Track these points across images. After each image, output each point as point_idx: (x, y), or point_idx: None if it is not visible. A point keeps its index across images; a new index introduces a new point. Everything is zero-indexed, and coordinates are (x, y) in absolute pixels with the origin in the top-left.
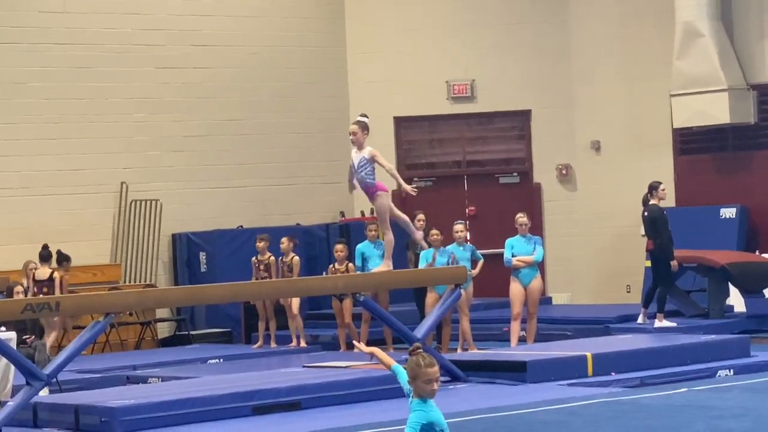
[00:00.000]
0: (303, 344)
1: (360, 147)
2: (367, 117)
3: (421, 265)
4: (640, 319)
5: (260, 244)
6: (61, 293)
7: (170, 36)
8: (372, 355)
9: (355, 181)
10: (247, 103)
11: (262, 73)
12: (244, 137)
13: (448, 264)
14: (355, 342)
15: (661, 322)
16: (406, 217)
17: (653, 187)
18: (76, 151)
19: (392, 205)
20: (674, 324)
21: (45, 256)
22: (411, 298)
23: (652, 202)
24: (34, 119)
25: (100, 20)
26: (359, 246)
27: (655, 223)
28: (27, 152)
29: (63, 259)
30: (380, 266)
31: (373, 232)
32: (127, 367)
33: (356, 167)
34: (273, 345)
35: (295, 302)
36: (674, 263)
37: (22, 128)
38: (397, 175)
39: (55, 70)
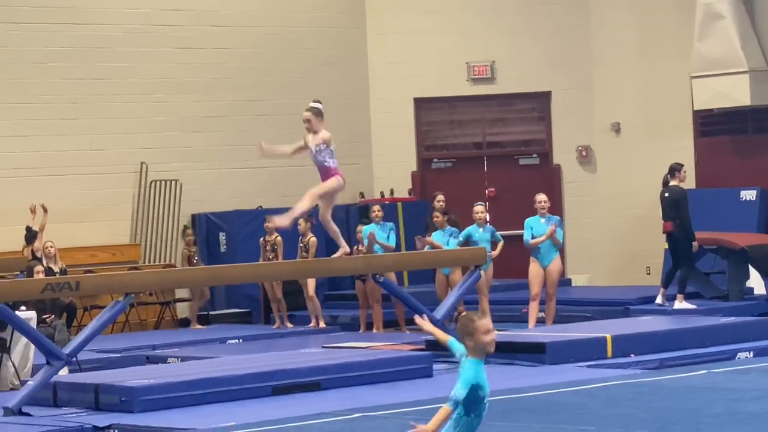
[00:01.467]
0: (322, 325)
1: (316, 132)
2: (321, 103)
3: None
4: (658, 300)
5: (269, 225)
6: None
7: (190, 16)
8: (429, 333)
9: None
10: (267, 83)
11: (281, 54)
12: (264, 118)
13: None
14: (417, 317)
15: (681, 304)
16: (336, 229)
17: (675, 169)
18: (95, 132)
19: (330, 217)
20: (694, 306)
21: (29, 238)
22: (431, 279)
23: (672, 183)
24: (54, 99)
25: (120, 0)
26: (365, 227)
27: (677, 203)
28: (47, 132)
29: (33, 237)
30: (339, 252)
31: (377, 213)
32: (146, 347)
33: (314, 152)
34: (288, 325)
35: (311, 283)
36: (695, 244)
37: (43, 108)
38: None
39: (75, 50)
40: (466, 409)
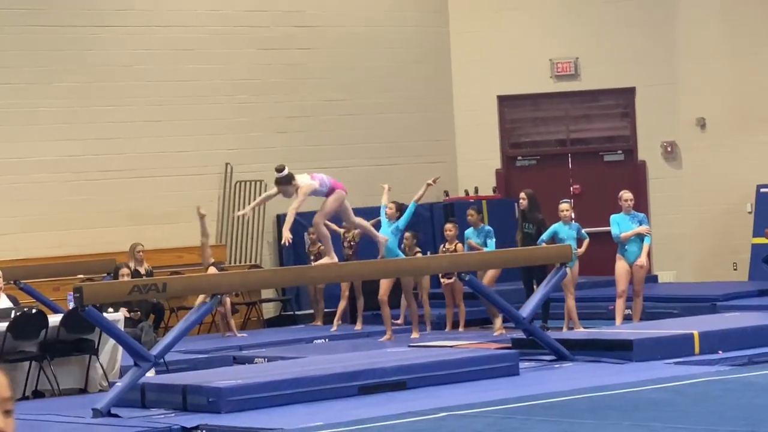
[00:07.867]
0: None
1: (297, 191)
2: (283, 169)
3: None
4: None
5: (344, 225)
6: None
7: (273, 17)
8: None
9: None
10: (350, 83)
11: (364, 53)
12: (347, 117)
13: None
14: None
15: None
16: (368, 225)
17: None
18: (179, 133)
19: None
20: None
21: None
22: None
23: None
24: (139, 101)
25: (202, 2)
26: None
27: None
28: (132, 134)
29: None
30: (324, 259)
31: (473, 217)
32: (233, 348)
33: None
34: (358, 327)
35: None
36: None
37: (127, 110)
38: (291, 216)
39: (159, 52)
40: None
